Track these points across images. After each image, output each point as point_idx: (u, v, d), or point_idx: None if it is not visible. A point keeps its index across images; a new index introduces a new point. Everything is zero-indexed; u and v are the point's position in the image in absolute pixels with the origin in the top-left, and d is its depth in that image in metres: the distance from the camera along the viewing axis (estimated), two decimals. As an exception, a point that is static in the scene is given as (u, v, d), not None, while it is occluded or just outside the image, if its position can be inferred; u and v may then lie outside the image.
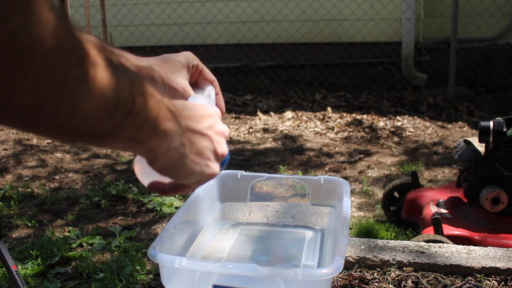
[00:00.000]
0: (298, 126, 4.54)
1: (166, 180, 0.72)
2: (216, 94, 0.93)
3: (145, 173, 0.74)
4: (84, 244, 2.52)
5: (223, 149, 0.70)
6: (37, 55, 0.43)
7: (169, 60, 0.86)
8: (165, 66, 0.85)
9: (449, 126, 4.49)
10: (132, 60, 0.82)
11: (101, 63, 0.49)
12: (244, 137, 4.32)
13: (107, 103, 0.51)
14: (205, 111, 0.69)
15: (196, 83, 0.93)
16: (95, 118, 0.50)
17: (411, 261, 1.45)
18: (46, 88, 0.45)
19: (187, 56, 0.89)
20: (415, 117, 4.67)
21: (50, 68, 0.44)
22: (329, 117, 4.69)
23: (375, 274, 1.42)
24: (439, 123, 4.55)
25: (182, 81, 0.85)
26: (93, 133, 0.52)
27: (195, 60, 0.90)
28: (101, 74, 0.49)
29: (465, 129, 4.43)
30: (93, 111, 0.49)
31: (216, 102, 0.92)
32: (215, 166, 0.69)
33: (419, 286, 1.37)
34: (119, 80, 0.52)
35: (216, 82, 0.93)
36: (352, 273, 1.42)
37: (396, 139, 4.20)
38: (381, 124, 4.51)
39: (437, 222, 2.22)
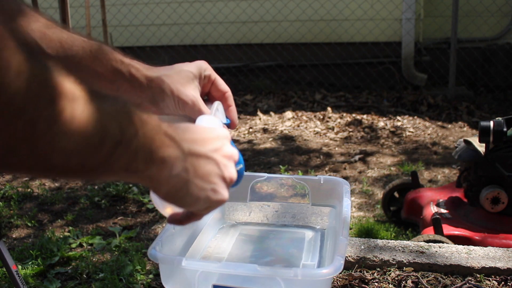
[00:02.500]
0: (298, 126, 4.54)
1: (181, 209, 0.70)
2: (229, 106, 0.90)
3: (161, 202, 0.71)
4: (84, 244, 2.52)
5: (231, 173, 0.67)
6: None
7: (180, 70, 0.83)
8: (175, 77, 0.82)
9: (449, 126, 4.49)
10: (143, 71, 0.80)
11: (81, 97, 0.47)
12: (244, 137, 4.32)
13: (89, 138, 0.48)
14: (211, 133, 0.66)
15: (209, 94, 0.90)
16: (77, 155, 0.48)
17: (411, 261, 1.45)
18: (16, 131, 0.43)
19: (200, 66, 0.86)
20: (415, 117, 4.67)
21: (16, 112, 0.42)
22: (329, 117, 4.69)
23: (375, 274, 1.42)
24: (439, 123, 4.55)
25: (192, 93, 0.82)
26: (80, 169, 0.50)
27: (207, 70, 0.87)
28: (80, 110, 0.46)
29: (465, 129, 4.43)
30: (73, 149, 0.47)
31: (227, 115, 0.89)
32: (222, 191, 0.66)
33: (419, 286, 1.37)
34: (103, 112, 0.49)
35: (229, 93, 0.90)
36: (352, 273, 1.42)
37: (396, 139, 4.20)
38: (381, 124, 4.51)
39: (437, 222, 2.22)
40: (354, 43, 5.48)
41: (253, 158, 3.83)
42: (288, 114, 4.81)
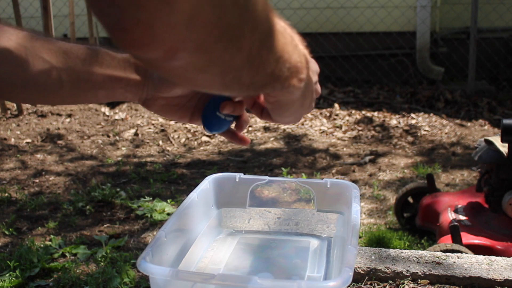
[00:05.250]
0: (302, 124, 4.54)
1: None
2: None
3: None
4: (67, 254, 2.52)
5: (313, 106, 0.85)
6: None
7: None
8: None
9: (469, 124, 4.49)
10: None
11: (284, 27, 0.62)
12: (243, 137, 4.33)
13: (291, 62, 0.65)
14: (317, 67, 0.82)
15: None
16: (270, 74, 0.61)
17: (427, 273, 1.45)
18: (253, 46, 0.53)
19: None
20: (431, 114, 4.67)
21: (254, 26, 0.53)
22: (337, 115, 4.69)
23: (387, 287, 1.42)
24: (458, 121, 4.55)
25: None
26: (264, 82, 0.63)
27: None
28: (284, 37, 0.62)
29: (486, 127, 4.43)
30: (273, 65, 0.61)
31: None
32: (302, 115, 0.84)
33: (435, 301, 1.37)
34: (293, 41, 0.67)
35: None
36: (362, 286, 1.42)
37: (410, 138, 4.20)
38: (393, 122, 4.51)
39: (455, 230, 2.23)
40: (364, 33, 5.48)
41: (253, 160, 3.83)
42: (292, 111, 4.81)
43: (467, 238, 2.28)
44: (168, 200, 3.07)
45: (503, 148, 2.33)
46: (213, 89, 0.60)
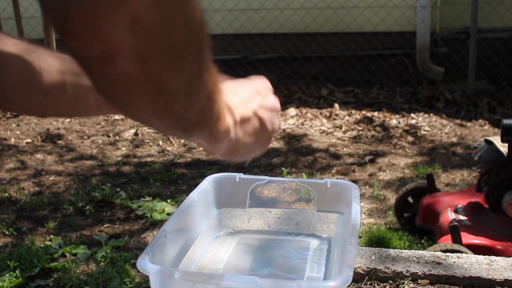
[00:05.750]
0: (303, 124, 4.54)
1: None
2: None
3: None
4: (67, 254, 2.52)
5: (275, 124, 0.81)
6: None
7: None
8: None
9: (469, 124, 4.49)
10: None
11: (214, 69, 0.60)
12: (243, 137, 4.33)
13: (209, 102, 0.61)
14: (252, 88, 0.77)
15: None
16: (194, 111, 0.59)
17: (427, 273, 1.45)
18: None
19: None
20: (431, 114, 4.67)
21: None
22: (337, 115, 4.69)
23: (387, 287, 1.42)
24: (458, 121, 4.55)
25: None
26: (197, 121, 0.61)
27: None
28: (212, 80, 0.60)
29: (486, 127, 4.43)
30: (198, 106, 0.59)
31: None
32: (267, 143, 0.82)
33: (435, 300, 1.37)
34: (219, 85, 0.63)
35: None
36: (362, 286, 1.42)
37: (410, 138, 4.20)
38: (393, 122, 4.51)
39: (455, 230, 2.23)
40: (364, 33, 5.48)
41: (253, 160, 3.83)
42: (292, 111, 4.81)
43: (467, 238, 2.28)
44: (168, 200, 3.07)
45: (503, 148, 2.33)
46: (143, 114, 0.55)
